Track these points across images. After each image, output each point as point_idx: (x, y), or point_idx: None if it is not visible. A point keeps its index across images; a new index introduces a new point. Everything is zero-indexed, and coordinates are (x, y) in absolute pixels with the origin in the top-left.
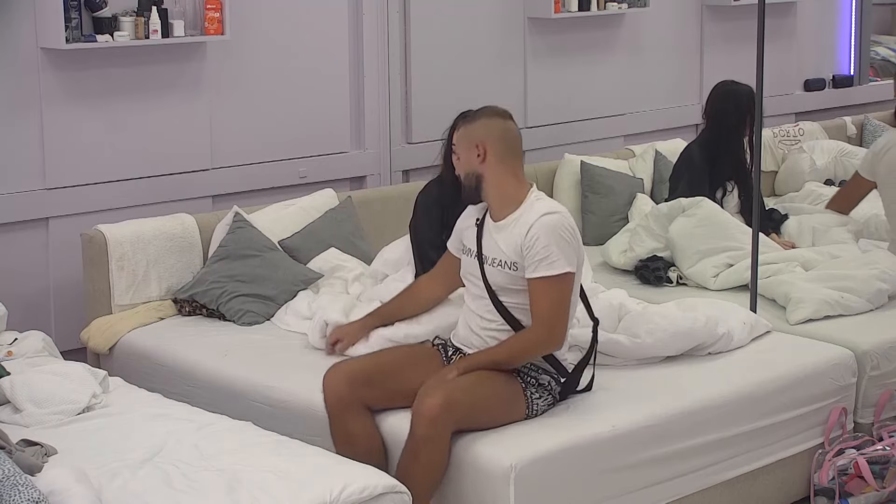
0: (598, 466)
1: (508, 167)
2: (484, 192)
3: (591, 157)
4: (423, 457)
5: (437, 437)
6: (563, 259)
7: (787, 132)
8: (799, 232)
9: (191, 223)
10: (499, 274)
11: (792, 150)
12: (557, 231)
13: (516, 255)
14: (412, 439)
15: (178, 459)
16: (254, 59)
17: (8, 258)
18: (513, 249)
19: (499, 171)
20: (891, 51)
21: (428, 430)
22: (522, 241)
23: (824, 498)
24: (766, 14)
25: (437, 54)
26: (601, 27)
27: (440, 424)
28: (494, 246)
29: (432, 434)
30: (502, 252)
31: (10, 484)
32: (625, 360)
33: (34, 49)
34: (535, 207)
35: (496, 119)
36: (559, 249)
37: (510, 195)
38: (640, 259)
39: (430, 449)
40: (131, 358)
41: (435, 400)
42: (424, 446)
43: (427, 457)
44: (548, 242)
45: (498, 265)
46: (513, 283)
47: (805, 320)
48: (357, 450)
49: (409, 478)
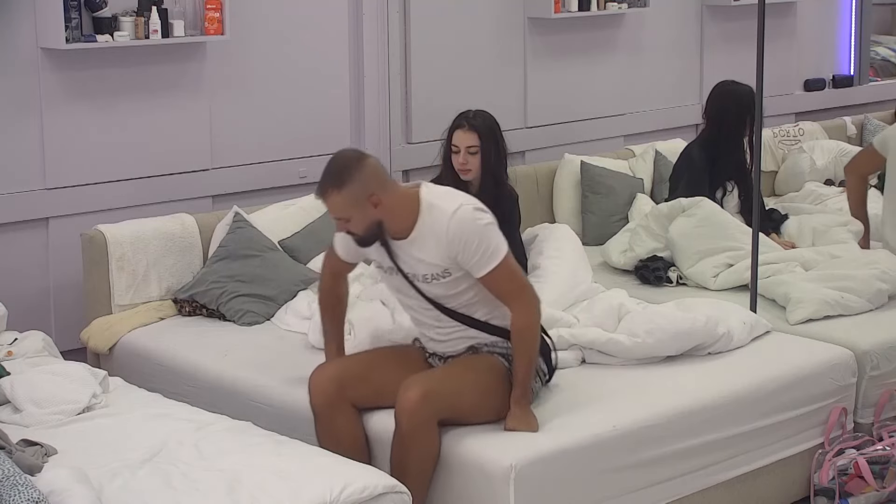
0: (598, 466)
1: (394, 192)
2: (386, 227)
3: (591, 157)
4: (413, 451)
5: (420, 428)
6: (495, 243)
7: (787, 132)
8: (799, 232)
9: (191, 223)
10: (437, 287)
11: (792, 150)
12: (474, 223)
13: (444, 261)
14: (398, 435)
15: (179, 459)
16: (254, 59)
17: (8, 258)
18: (438, 257)
19: (392, 201)
20: (891, 51)
21: (410, 423)
22: (447, 248)
23: (824, 498)
24: (766, 14)
25: (437, 54)
26: (601, 27)
27: (422, 416)
28: (415, 262)
29: (415, 426)
30: (427, 265)
31: (10, 484)
32: (625, 360)
33: (34, 49)
34: (434, 209)
35: (360, 164)
36: (488, 238)
37: (407, 212)
38: (640, 259)
39: (417, 442)
40: (131, 358)
41: (413, 393)
42: (411, 440)
43: (417, 450)
44: (477, 240)
45: (432, 279)
46: (453, 289)
47: (805, 320)
48: (341, 449)
49: (403, 473)
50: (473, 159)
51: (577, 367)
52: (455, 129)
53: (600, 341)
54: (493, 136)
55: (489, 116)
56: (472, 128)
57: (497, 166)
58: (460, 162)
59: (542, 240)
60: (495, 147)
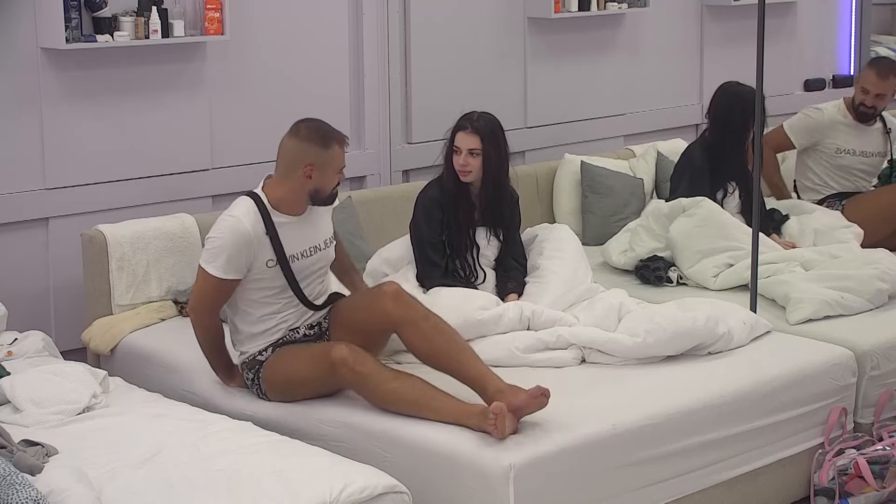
0: (597, 466)
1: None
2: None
3: (591, 157)
4: (431, 319)
5: (410, 300)
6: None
7: None
8: (800, 233)
9: (191, 223)
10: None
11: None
12: None
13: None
14: (407, 321)
15: (179, 459)
16: (254, 59)
17: (8, 258)
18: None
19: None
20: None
21: (400, 301)
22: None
23: (824, 498)
24: (766, 14)
25: (437, 54)
26: (601, 27)
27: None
28: (316, 233)
29: (407, 301)
30: (320, 234)
31: (7, 483)
32: (625, 360)
33: (34, 49)
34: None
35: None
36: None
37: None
38: (641, 259)
39: (423, 310)
40: (132, 359)
41: (388, 287)
42: (420, 313)
43: (433, 317)
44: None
45: (328, 245)
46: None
47: (805, 320)
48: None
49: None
50: (474, 161)
51: (576, 367)
52: (458, 130)
53: (600, 341)
54: (495, 140)
55: (493, 119)
56: (474, 130)
57: (498, 169)
58: (461, 163)
59: (542, 240)
60: (497, 150)
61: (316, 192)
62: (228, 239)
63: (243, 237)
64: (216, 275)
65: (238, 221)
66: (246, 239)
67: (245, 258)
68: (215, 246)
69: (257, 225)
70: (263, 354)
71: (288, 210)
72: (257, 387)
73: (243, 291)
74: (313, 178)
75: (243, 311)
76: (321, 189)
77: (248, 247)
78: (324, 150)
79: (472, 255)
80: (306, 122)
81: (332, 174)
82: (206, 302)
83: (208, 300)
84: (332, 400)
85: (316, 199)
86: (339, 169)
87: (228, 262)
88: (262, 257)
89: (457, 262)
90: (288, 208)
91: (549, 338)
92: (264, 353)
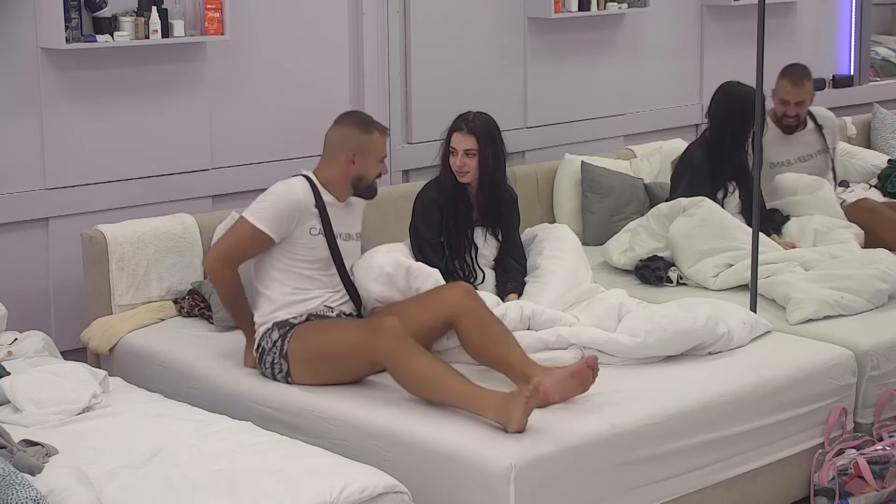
0: (597, 466)
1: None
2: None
3: (591, 157)
4: (491, 313)
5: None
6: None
7: None
8: (801, 233)
9: (191, 223)
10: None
11: None
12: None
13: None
14: (471, 312)
15: (179, 459)
16: (254, 59)
17: (8, 258)
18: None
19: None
20: (891, 51)
21: (471, 294)
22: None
23: (824, 498)
24: (766, 14)
25: (437, 54)
26: (601, 27)
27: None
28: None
29: (477, 297)
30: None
31: (7, 483)
32: (625, 360)
33: (34, 49)
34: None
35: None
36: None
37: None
38: (641, 259)
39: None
40: (131, 358)
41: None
42: (485, 307)
43: (493, 314)
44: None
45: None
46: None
47: (805, 320)
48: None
49: (503, 330)
50: (471, 162)
51: None
52: (453, 131)
53: (600, 341)
54: (490, 140)
55: (488, 119)
56: (470, 131)
57: (495, 169)
58: (457, 164)
59: (542, 240)
60: (493, 150)
61: (359, 180)
62: (279, 199)
63: (295, 202)
64: (254, 223)
65: (293, 187)
66: (297, 204)
67: (288, 222)
68: (266, 201)
69: (308, 198)
70: (297, 319)
71: (334, 192)
72: (277, 352)
73: (283, 258)
74: (356, 164)
75: (279, 282)
76: (364, 176)
77: (297, 212)
78: (365, 135)
79: (471, 255)
80: (348, 113)
81: (374, 161)
82: (232, 252)
83: (234, 250)
84: (334, 398)
85: (358, 187)
86: (381, 157)
87: (272, 219)
88: (307, 224)
89: (456, 262)
90: (334, 190)
91: (549, 338)
92: (297, 318)
